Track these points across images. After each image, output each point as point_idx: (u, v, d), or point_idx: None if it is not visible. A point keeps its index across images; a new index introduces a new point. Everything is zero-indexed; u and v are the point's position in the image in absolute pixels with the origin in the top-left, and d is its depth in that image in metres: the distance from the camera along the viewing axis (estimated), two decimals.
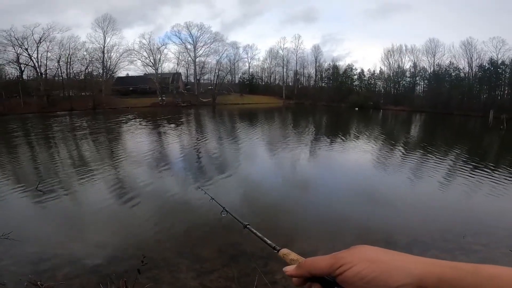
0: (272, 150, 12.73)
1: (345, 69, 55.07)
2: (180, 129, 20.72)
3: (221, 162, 10.07)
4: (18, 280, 3.17)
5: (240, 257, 4.13)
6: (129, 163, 9.90)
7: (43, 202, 5.98)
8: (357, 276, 0.40)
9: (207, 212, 5.48)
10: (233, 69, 56.75)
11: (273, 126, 22.95)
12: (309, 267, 0.45)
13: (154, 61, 46.47)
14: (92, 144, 14.31)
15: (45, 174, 8.41)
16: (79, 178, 7.91)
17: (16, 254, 3.89)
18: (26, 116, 29.62)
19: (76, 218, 5.35)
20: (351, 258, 0.42)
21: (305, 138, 16.24)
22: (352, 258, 0.42)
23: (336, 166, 10.19)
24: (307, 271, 0.45)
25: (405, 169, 9.55)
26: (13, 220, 4.96)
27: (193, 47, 50.09)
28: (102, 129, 20.71)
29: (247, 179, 8.18)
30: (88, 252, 4.05)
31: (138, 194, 6.68)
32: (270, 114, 33.55)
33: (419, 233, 4.95)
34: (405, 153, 12.49)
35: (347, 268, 0.41)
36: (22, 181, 7.61)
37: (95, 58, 43.44)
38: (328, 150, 12.94)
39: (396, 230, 5.11)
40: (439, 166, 9.75)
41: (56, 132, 19.06)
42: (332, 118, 32.23)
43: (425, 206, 6.20)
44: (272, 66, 59.19)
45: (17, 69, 39.02)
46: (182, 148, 13.40)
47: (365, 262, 0.41)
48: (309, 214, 5.73)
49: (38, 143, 14.91)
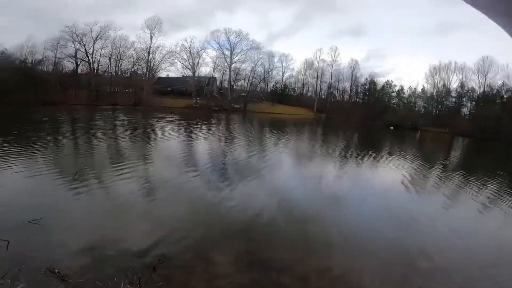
0: (301, 163, 12.57)
1: (383, 85, 52.99)
2: (212, 132, 21.33)
3: (249, 169, 10.13)
4: (37, 266, 3.38)
5: (254, 265, 4.11)
6: (160, 161, 10.39)
7: (77, 191, 6.38)
8: None
9: (228, 218, 5.56)
10: (266, 78, 57.32)
11: (302, 139, 22.69)
12: None
13: (193, 64, 48.67)
14: (129, 139, 15.27)
15: (84, 164, 9.08)
16: (112, 171, 8.42)
17: (41, 240, 4.13)
18: (75, 107, 32.50)
19: (102, 210, 5.66)
20: None
21: (334, 154, 15.80)
22: None
23: (368, 186, 9.75)
24: None
25: (438, 195, 8.89)
26: (46, 206, 5.29)
27: (230, 53, 51.63)
28: (141, 125, 22.01)
29: (275, 188, 8.12)
30: (108, 245, 4.26)
31: (165, 192, 6.96)
32: (301, 126, 33.21)
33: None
34: (440, 178, 11.59)
35: None
36: (61, 168, 8.27)
37: (141, 57, 46.66)
38: (356, 170, 12.46)
39: (429, 253, 4.89)
40: (478, 195, 8.93)
41: (100, 124, 20.64)
42: (364, 136, 31.03)
43: (460, 238, 5.68)
44: (306, 77, 58.82)
45: (74, 63, 43.15)
46: (211, 151, 13.76)
47: None
48: (338, 228, 5.63)
49: (81, 133, 16.26)
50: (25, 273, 3.21)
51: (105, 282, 3.22)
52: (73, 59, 42.46)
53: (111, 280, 3.23)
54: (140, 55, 46.47)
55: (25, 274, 3.19)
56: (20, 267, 3.31)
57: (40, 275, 3.22)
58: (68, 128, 18.13)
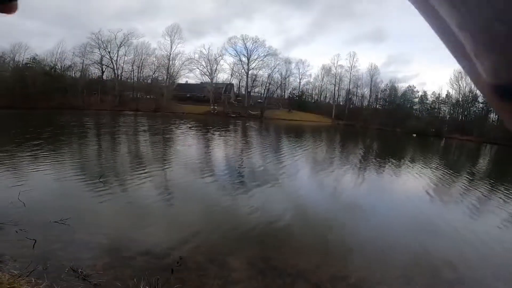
0: (319, 170, 12.40)
1: (405, 90, 51.33)
2: (230, 139, 21.58)
3: (266, 176, 10.12)
4: (61, 265, 3.52)
5: (269, 271, 4.08)
6: (180, 165, 10.63)
7: (102, 193, 6.63)
8: None
9: (245, 224, 5.56)
10: (283, 84, 57.41)
11: (320, 146, 22.39)
12: None
13: (211, 71, 49.79)
14: (151, 144, 15.77)
15: (109, 166, 9.49)
16: (135, 174, 8.72)
17: (67, 239, 4.29)
18: (100, 112, 34.10)
19: (125, 212, 5.85)
20: None
21: (352, 162, 15.45)
22: None
23: (386, 194, 9.43)
24: None
25: (463, 205, 8.40)
26: (72, 207, 5.49)
27: (247, 59, 52.35)
28: (162, 131, 22.68)
29: (293, 194, 8.04)
30: (129, 246, 4.39)
31: (184, 195, 7.08)
32: (318, 133, 32.80)
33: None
34: (467, 187, 10.97)
35: None
36: (87, 171, 8.66)
37: (162, 64, 48.39)
38: (378, 178, 12.09)
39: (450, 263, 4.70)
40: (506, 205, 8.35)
41: (123, 129, 21.50)
42: (385, 143, 30.11)
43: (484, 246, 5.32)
44: (324, 83, 58.23)
45: (99, 70, 45.44)
46: (227, 157, 13.91)
47: None
48: (356, 235, 5.54)
49: (105, 137, 17.01)
50: (49, 272, 3.35)
51: (125, 282, 3.31)
52: (99, 65, 44.76)
53: (130, 280, 3.31)
54: (161, 61, 48.33)
55: (49, 272, 3.32)
56: (45, 266, 3.46)
57: (64, 274, 3.36)
58: (95, 133, 19.03)
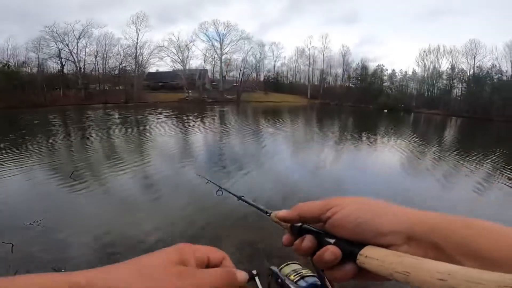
0: (295, 147, 12.63)
1: (375, 69, 53.09)
2: (205, 124, 21.20)
3: (244, 158, 10.14)
4: (43, 266, 3.38)
5: (256, 256, 4.15)
6: (155, 155, 10.34)
7: (75, 190, 6.33)
8: (346, 218, 0.39)
9: (229, 208, 5.57)
10: (258, 67, 57.01)
11: (296, 124, 22.74)
12: (300, 209, 0.44)
13: (182, 58, 47.97)
14: (122, 137, 15.10)
15: (79, 163, 8.98)
16: (108, 168, 8.36)
17: (44, 241, 4.11)
18: (66, 108, 31.90)
19: (102, 207, 5.64)
20: (343, 201, 0.41)
21: (331, 138, 15.89)
22: (344, 201, 0.41)
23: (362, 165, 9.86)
24: (298, 213, 0.44)
25: (434, 175, 9.05)
26: (45, 207, 5.23)
27: (219, 44, 50.98)
28: (133, 122, 21.76)
29: (276, 174, 8.13)
30: (110, 241, 4.27)
31: (162, 186, 6.92)
32: (294, 113, 33.21)
33: None
34: (437, 158, 11.79)
35: (337, 210, 0.40)
36: (57, 169, 8.17)
37: (129, 54, 45.75)
38: (353, 150, 12.58)
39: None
40: (474, 173, 9.14)
41: (91, 123, 20.34)
42: (358, 119, 31.20)
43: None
44: (298, 65, 58.63)
45: (58, 64, 42.09)
46: (205, 143, 13.72)
47: (356, 204, 0.40)
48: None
49: (74, 134, 16.02)
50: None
51: None
52: (57, 59, 41.42)
53: None
54: (127, 51, 45.60)
55: None
56: (28, 268, 3.33)
57: None
58: (63, 130, 17.83)
